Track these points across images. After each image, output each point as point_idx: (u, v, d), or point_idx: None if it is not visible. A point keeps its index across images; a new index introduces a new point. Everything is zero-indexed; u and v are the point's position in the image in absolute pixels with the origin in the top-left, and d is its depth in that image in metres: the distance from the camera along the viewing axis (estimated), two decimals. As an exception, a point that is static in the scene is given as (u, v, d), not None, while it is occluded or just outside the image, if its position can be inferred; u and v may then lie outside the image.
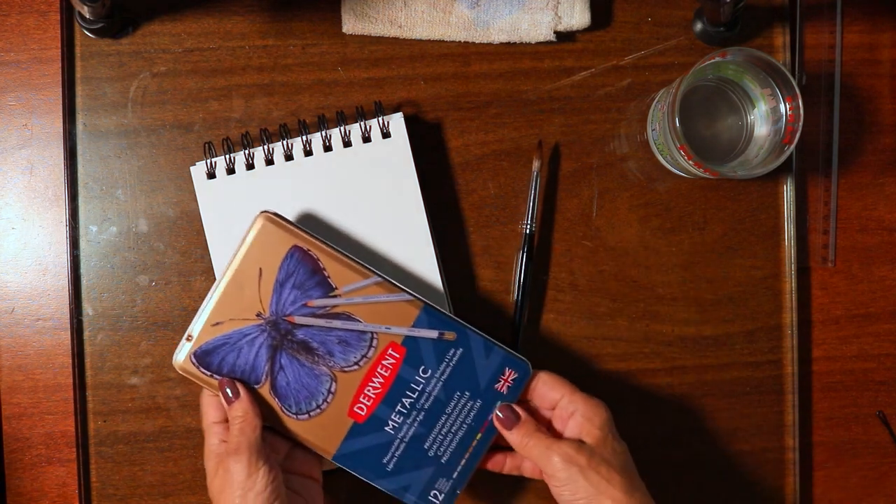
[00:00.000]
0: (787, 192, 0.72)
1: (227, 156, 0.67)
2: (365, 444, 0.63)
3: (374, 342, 0.63)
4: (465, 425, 0.64)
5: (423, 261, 0.68)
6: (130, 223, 0.69)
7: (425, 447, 0.64)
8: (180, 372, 0.62)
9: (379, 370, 0.63)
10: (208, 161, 0.67)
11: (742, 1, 0.65)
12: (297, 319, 0.62)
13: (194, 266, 0.69)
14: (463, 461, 0.64)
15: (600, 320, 0.71)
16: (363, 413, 0.63)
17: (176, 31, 0.70)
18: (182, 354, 0.62)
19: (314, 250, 0.62)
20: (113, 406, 0.69)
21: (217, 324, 0.62)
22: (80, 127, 0.69)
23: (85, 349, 0.69)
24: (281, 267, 0.62)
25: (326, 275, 0.62)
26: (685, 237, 0.72)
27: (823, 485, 0.74)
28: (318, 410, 0.63)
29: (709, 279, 0.72)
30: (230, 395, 0.61)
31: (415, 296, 0.63)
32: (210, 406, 0.62)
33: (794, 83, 0.64)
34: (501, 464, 0.66)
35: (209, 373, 0.62)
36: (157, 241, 0.69)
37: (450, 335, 0.63)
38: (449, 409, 0.64)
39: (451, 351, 0.63)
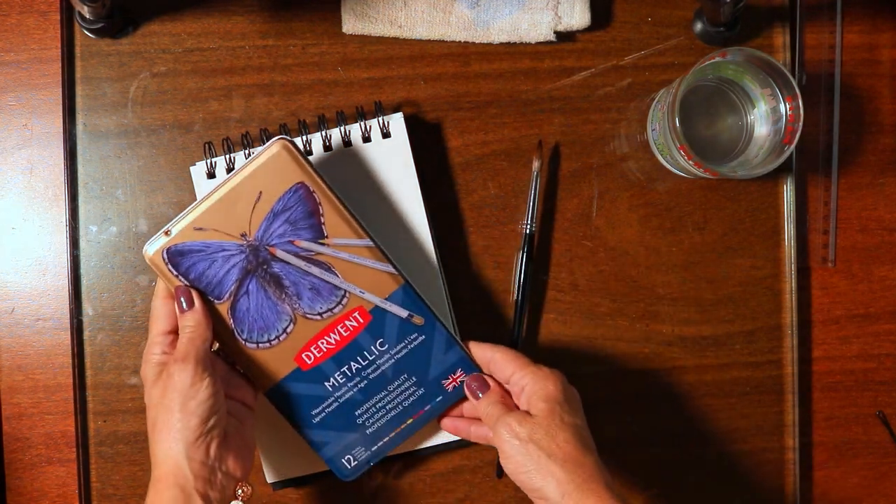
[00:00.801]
0: (787, 192, 0.72)
1: (227, 156, 0.67)
2: (300, 391, 0.63)
3: (345, 300, 0.63)
4: (400, 406, 0.65)
5: (423, 261, 0.68)
6: (130, 223, 0.69)
7: (356, 413, 0.64)
8: (148, 262, 0.61)
9: (339, 328, 0.63)
10: (208, 161, 0.67)
11: (742, 1, 0.65)
12: (279, 253, 0.62)
13: (194, 266, 0.69)
14: (386, 438, 0.65)
15: (600, 320, 0.71)
16: (309, 362, 0.63)
17: (176, 31, 0.70)
18: (154, 247, 0.61)
19: (319, 193, 0.62)
20: (113, 406, 0.69)
21: (199, 229, 0.61)
22: (80, 127, 0.69)
23: (85, 349, 0.69)
24: (281, 198, 0.61)
25: (322, 221, 0.62)
26: (685, 237, 0.72)
27: (823, 485, 0.74)
28: (268, 345, 0.62)
29: (709, 279, 0.72)
30: (184, 304, 0.60)
31: (399, 271, 0.63)
32: (162, 316, 0.61)
33: (794, 83, 0.64)
34: (466, 431, 0.66)
35: (176, 273, 0.61)
36: (157, 241, 0.69)
37: (418, 320, 0.64)
38: (391, 387, 0.64)
39: (414, 335, 0.64)
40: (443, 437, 0.69)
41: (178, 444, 0.56)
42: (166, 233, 0.61)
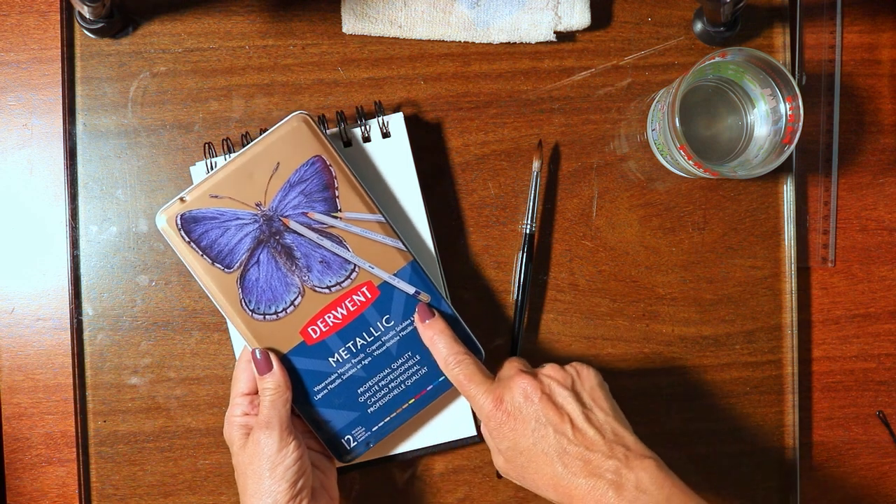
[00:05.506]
0: (787, 192, 0.72)
1: (227, 156, 0.67)
2: (303, 366, 0.64)
3: (354, 275, 0.63)
4: (403, 385, 0.65)
5: (423, 261, 0.68)
6: (130, 223, 0.69)
7: (358, 391, 0.64)
8: (160, 229, 0.62)
9: (346, 302, 0.63)
10: (208, 161, 0.67)
11: (742, 1, 0.65)
12: (292, 224, 0.63)
13: (194, 266, 0.69)
14: (387, 418, 0.65)
15: (600, 320, 0.71)
16: (314, 336, 0.63)
17: (176, 31, 0.70)
18: (168, 212, 0.62)
19: (335, 167, 0.63)
20: (113, 406, 0.69)
21: (215, 196, 0.62)
22: (80, 127, 0.69)
23: (85, 349, 0.69)
24: (298, 169, 0.63)
25: (336, 194, 0.63)
26: (685, 237, 0.72)
27: (823, 485, 0.74)
28: (275, 317, 0.63)
29: (709, 279, 0.72)
30: (263, 366, 0.62)
31: (408, 248, 0.64)
32: (242, 378, 0.63)
33: (794, 83, 0.64)
34: None
35: (188, 239, 0.62)
36: (157, 241, 0.69)
37: (424, 297, 0.64)
38: (395, 365, 0.64)
39: None
40: (443, 437, 0.69)
41: None
42: (181, 200, 0.62)
